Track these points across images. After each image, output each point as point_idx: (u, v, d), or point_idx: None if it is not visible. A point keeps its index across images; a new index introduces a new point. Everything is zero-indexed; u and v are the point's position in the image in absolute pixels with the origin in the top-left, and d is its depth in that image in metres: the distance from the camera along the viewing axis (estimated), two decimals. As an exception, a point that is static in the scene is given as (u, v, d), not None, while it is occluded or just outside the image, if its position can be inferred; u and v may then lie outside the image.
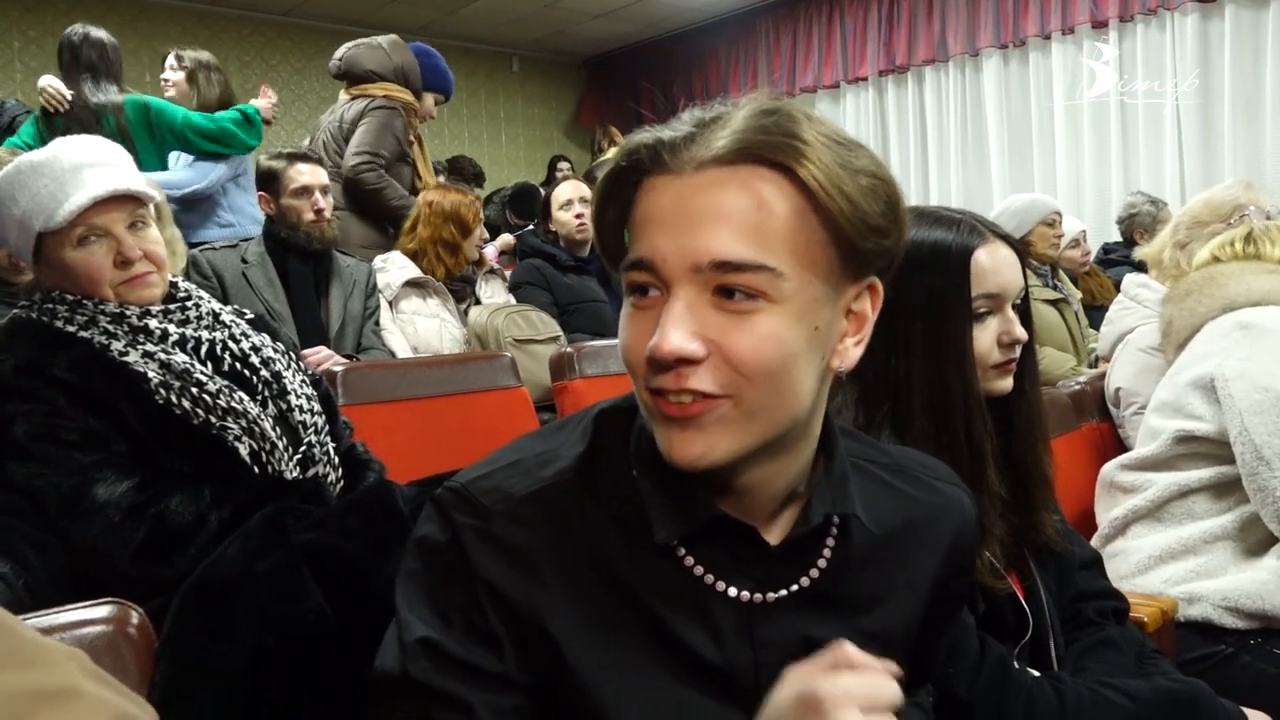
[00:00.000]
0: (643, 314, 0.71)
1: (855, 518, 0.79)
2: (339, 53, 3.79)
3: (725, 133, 0.68)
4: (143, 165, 3.01)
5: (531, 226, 3.75)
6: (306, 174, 2.84)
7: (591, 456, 0.77)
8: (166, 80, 3.73)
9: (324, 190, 2.87)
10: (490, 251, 4.45)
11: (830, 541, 0.80)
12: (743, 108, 0.70)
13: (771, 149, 0.67)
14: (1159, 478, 1.69)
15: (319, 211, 2.83)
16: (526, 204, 5.59)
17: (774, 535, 0.78)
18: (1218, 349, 1.65)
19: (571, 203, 3.45)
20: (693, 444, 0.69)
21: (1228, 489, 1.62)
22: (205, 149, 3.52)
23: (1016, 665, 1.14)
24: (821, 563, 0.79)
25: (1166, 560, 1.62)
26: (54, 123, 3.27)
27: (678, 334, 0.67)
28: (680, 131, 0.70)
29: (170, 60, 3.74)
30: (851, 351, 0.75)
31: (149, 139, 3.42)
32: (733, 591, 0.76)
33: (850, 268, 0.72)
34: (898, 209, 0.72)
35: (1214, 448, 1.63)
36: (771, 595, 0.77)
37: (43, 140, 3.14)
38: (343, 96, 3.77)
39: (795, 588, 0.78)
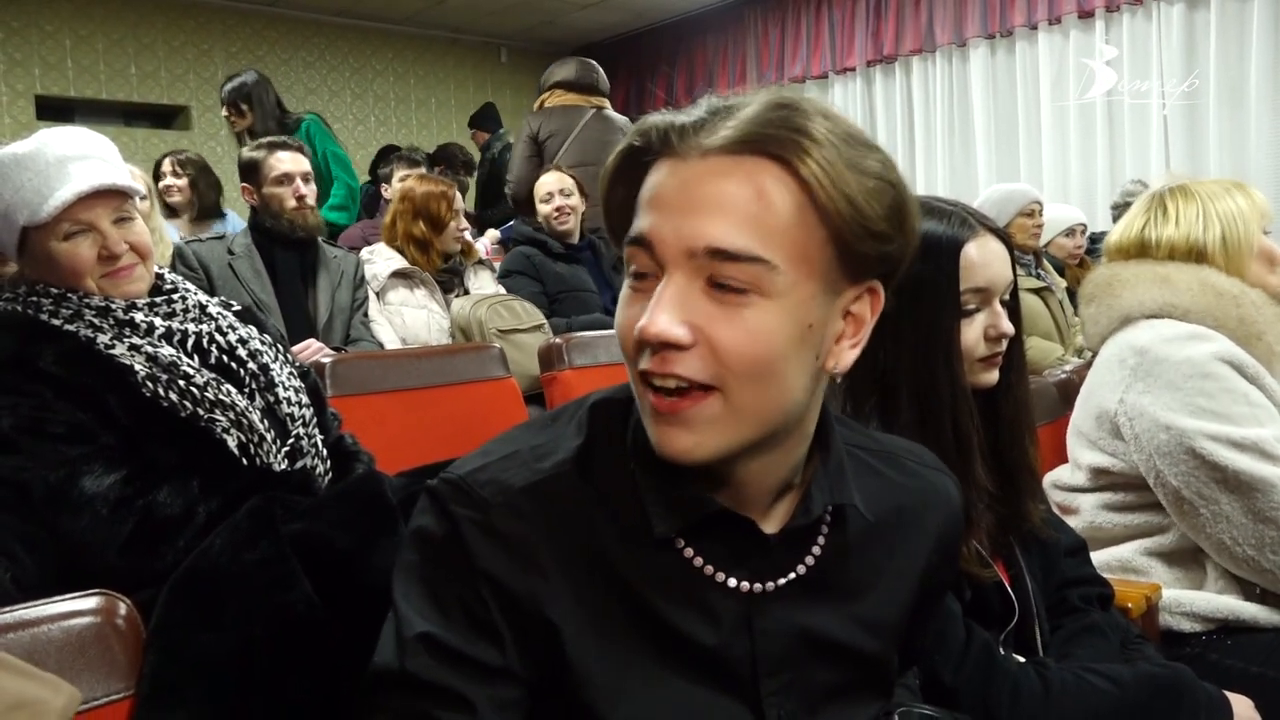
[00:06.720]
0: (638, 296, 0.71)
1: (851, 506, 0.80)
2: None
3: (733, 122, 0.68)
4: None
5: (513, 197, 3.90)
6: (287, 161, 2.81)
7: (588, 449, 0.77)
8: (170, 186, 4.05)
9: (305, 177, 2.84)
10: (484, 243, 4.44)
11: (825, 529, 0.80)
12: (757, 99, 0.70)
13: (775, 142, 0.67)
14: (1086, 500, 1.67)
15: (301, 198, 2.80)
16: (487, 121, 5.83)
17: (770, 525, 0.78)
18: (1116, 379, 1.59)
19: (552, 195, 3.47)
20: (681, 439, 0.69)
21: (1154, 509, 1.58)
22: None
23: (1002, 651, 1.15)
24: (817, 550, 0.80)
25: (1111, 574, 1.58)
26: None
27: (665, 318, 0.67)
28: (693, 117, 0.70)
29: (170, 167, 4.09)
30: (847, 354, 0.74)
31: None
32: (732, 582, 0.76)
33: (848, 268, 0.71)
34: (904, 214, 0.71)
35: (1132, 479, 1.59)
36: (770, 585, 0.77)
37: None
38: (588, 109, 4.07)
39: (792, 576, 0.78)
